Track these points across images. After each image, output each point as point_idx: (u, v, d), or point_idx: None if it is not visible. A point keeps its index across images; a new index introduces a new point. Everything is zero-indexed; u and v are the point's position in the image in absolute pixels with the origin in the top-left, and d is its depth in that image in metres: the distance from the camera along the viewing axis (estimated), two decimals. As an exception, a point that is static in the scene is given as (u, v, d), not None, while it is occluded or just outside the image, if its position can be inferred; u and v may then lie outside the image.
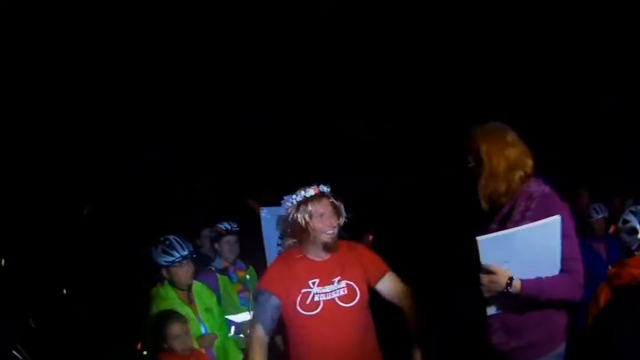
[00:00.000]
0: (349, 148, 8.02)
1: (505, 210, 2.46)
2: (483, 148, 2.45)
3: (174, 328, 3.27)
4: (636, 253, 3.19)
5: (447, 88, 7.38)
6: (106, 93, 6.75)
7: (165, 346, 3.28)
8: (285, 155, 7.95)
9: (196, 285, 3.76)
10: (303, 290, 2.82)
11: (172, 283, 3.64)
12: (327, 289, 2.83)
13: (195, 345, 3.55)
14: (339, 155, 7.80)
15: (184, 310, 3.58)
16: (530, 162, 2.46)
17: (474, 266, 2.38)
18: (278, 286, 2.85)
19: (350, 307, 2.83)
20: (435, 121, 7.31)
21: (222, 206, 6.45)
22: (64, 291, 5.16)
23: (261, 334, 2.85)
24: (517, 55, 6.86)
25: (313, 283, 2.83)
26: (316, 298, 2.82)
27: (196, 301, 3.69)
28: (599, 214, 4.84)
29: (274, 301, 2.85)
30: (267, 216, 4.99)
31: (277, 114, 7.73)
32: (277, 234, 5.03)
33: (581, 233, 2.51)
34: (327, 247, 2.87)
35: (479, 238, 2.26)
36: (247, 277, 4.45)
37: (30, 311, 4.55)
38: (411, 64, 7.32)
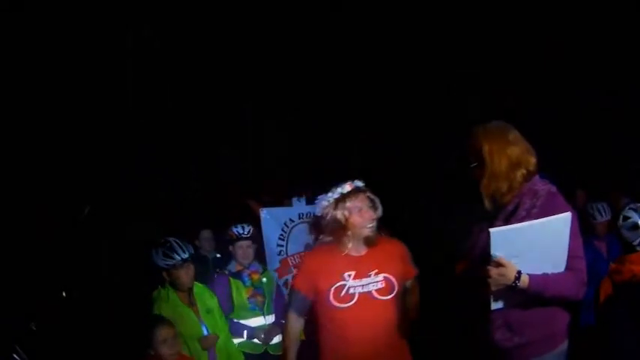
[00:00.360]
0: (350, 147, 8.03)
1: (510, 208, 2.46)
2: (485, 148, 2.45)
3: (161, 333, 3.22)
4: (638, 248, 3.22)
5: (447, 88, 7.38)
6: (106, 93, 6.75)
7: (152, 352, 3.21)
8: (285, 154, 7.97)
9: (197, 286, 3.75)
10: (338, 283, 2.86)
11: (173, 285, 3.63)
12: (364, 281, 2.87)
13: (197, 346, 3.56)
14: (339, 155, 7.80)
15: (185, 311, 3.58)
16: (533, 160, 2.46)
17: (475, 262, 2.39)
18: (307, 284, 2.92)
19: (386, 299, 2.88)
20: (434, 122, 7.32)
21: (221, 206, 6.45)
22: (64, 292, 5.14)
23: (293, 322, 2.99)
24: (517, 55, 6.87)
25: (349, 276, 2.87)
26: (351, 291, 2.85)
27: (197, 302, 3.68)
28: (603, 217, 4.73)
29: (304, 298, 2.95)
30: (267, 217, 5.00)
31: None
32: (277, 234, 5.06)
33: (583, 232, 2.51)
34: (367, 241, 2.91)
35: (491, 230, 2.26)
36: (264, 279, 4.29)
37: (30, 312, 4.53)
38: (410, 64, 7.33)
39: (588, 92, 6.77)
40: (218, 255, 5.18)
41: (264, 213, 5.00)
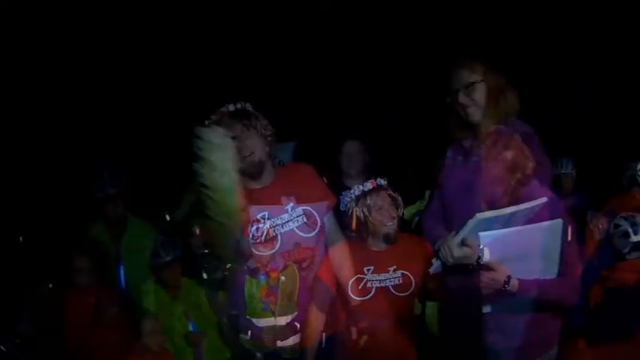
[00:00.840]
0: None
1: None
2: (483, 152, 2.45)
3: (147, 324, 3.31)
4: (627, 257, 3.28)
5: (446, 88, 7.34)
6: (108, 93, 6.76)
7: (138, 344, 3.30)
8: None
9: (186, 282, 3.75)
10: (357, 276, 2.93)
11: (161, 282, 3.66)
12: (382, 276, 2.96)
13: (183, 343, 3.56)
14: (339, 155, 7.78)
15: (172, 307, 3.59)
16: (530, 164, 2.43)
17: (466, 265, 2.38)
18: (331, 275, 2.95)
19: (403, 296, 2.96)
20: (433, 122, 7.28)
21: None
22: (51, 284, 5.16)
23: (315, 314, 2.97)
24: (516, 54, 6.85)
25: (368, 270, 2.96)
26: (369, 285, 2.94)
27: (184, 298, 3.68)
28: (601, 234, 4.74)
29: (327, 289, 2.96)
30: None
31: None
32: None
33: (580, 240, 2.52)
34: (387, 239, 3.00)
35: (481, 234, 2.27)
36: (282, 278, 4.27)
37: (29, 310, 4.54)
38: (409, 64, 7.32)
39: (588, 92, 6.76)
40: (206, 251, 5.18)
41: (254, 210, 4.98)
